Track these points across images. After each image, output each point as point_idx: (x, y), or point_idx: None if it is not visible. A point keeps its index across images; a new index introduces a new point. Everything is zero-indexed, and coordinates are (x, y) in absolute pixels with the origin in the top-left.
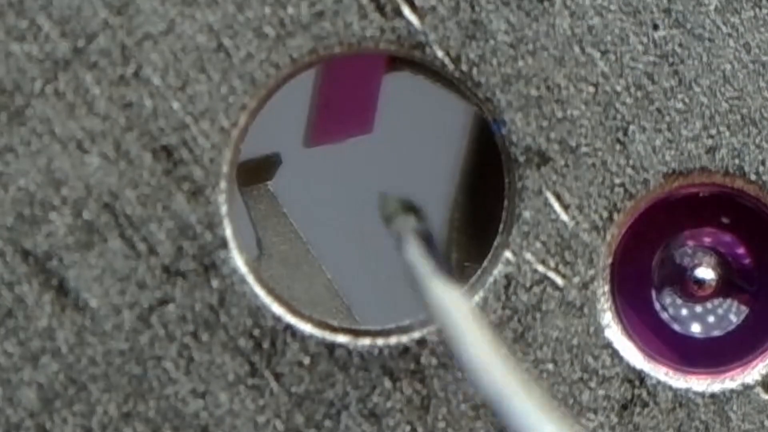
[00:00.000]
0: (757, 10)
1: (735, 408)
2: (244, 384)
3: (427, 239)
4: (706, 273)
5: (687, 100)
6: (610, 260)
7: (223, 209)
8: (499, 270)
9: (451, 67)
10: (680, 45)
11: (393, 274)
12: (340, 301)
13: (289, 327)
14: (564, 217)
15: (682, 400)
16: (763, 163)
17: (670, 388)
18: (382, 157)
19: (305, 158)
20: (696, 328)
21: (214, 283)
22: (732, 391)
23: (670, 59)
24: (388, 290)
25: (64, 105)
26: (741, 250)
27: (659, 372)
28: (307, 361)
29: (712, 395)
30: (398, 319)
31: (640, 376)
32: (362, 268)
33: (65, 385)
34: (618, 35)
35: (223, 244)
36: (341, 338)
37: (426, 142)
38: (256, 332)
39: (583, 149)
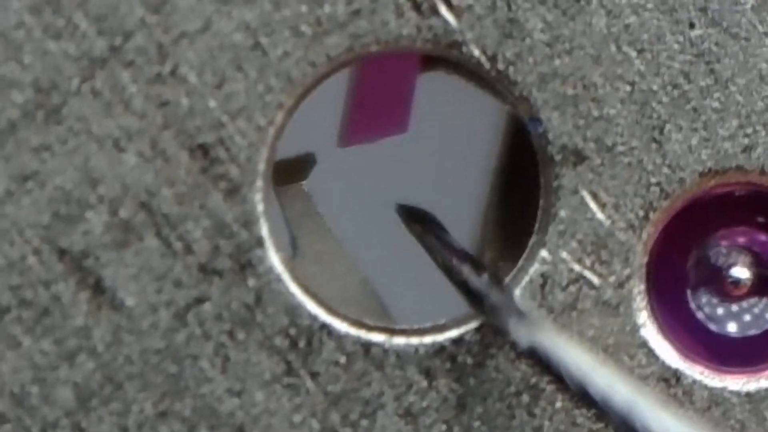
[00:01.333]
0: None
1: None
2: (279, 383)
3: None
4: (741, 272)
5: (723, 99)
6: (645, 259)
7: (260, 208)
8: (535, 269)
9: (487, 65)
10: (716, 44)
11: (428, 272)
12: (376, 299)
13: (325, 326)
14: (600, 216)
15: (717, 399)
16: None
17: (706, 387)
18: (417, 157)
19: (340, 157)
20: (732, 327)
21: (251, 281)
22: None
23: (707, 58)
24: (423, 289)
25: (100, 103)
26: None
27: (695, 371)
28: (343, 360)
29: (748, 394)
30: (434, 317)
31: (676, 375)
32: (397, 267)
33: (101, 384)
34: (654, 34)
35: (259, 242)
36: (377, 337)
37: (460, 141)
38: (292, 331)
39: (619, 148)
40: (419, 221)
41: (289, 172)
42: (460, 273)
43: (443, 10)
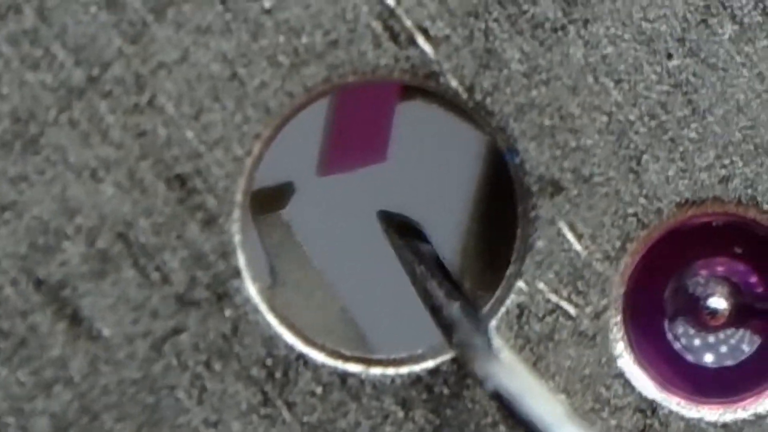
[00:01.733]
0: None
1: None
2: (256, 413)
3: (436, 261)
4: (719, 303)
5: (700, 130)
6: (622, 290)
7: (237, 238)
8: (512, 299)
9: (464, 96)
10: (694, 74)
11: (407, 302)
12: (355, 328)
13: (301, 356)
14: (577, 246)
15: (694, 430)
16: None
17: (683, 418)
18: (396, 186)
19: (319, 186)
20: (709, 358)
21: (228, 312)
22: (744, 421)
23: (684, 88)
24: (403, 317)
25: (78, 133)
26: (754, 279)
27: (671, 402)
28: (319, 390)
29: (725, 425)
30: (414, 346)
31: (653, 406)
32: (376, 296)
33: (78, 415)
34: (632, 64)
35: (237, 273)
36: (353, 367)
37: (439, 170)
38: (269, 361)
39: (597, 179)
40: (401, 230)
41: (268, 201)
42: (433, 298)
43: (421, 40)
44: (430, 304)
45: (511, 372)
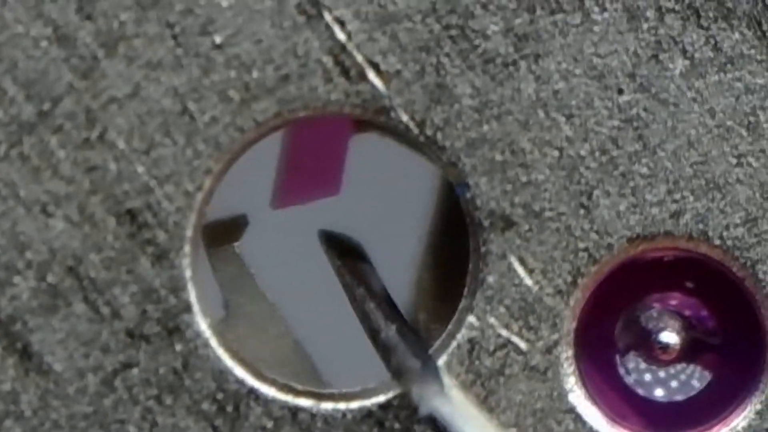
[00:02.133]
0: (721, 74)
1: None
2: None
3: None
4: (670, 337)
5: (651, 165)
6: (574, 324)
7: (188, 273)
8: (462, 334)
9: (415, 131)
10: (645, 109)
11: (361, 335)
12: (308, 362)
13: (252, 391)
14: (528, 281)
15: None
16: (727, 227)
17: None
18: (350, 219)
19: (272, 219)
20: (659, 393)
21: (178, 346)
22: None
23: (635, 123)
24: (356, 351)
25: (28, 168)
26: (705, 313)
27: None
28: (270, 425)
29: None
30: (366, 379)
31: None
32: (329, 330)
33: None
34: (583, 99)
35: (187, 307)
36: (304, 402)
37: (393, 203)
38: (220, 396)
39: (548, 213)
40: (341, 251)
41: (222, 234)
42: (371, 320)
43: (371, 75)
44: (368, 327)
45: (447, 396)
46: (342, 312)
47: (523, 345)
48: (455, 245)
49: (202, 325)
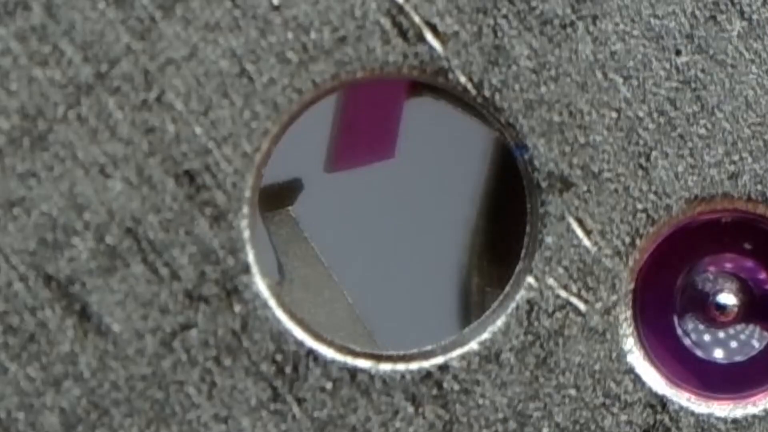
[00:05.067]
0: None
1: None
2: (266, 409)
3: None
4: (728, 299)
5: (709, 126)
6: (632, 286)
7: (246, 234)
8: (521, 295)
9: (473, 92)
10: (703, 71)
11: (415, 298)
12: (362, 325)
13: (311, 352)
14: (586, 242)
15: (704, 425)
16: None
17: (693, 413)
18: (404, 182)
19: (327, 183)
20: (718, 354)
21: (237, 308)
22: (754, 416)
23: (693, 85)
24: (410, 315)
25: (86, 130)
26: (763, 276)
27: (681, 397)
28: (329, 386)
29: (735, 420)
30: (420, 344)
31: (663, 402)
32: (384, 293)
33: (87, 410)
34: (641, 61)
35: (246, 269)
36: (363, 363)
37: (447, 167)
38: (279, 357)
39: (606, 175)
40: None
41: (276, 198)
42: None
43: (429, 36)
44: None
45: None
46: (396, 274)
47: (581, 306)
48: (510, 208)
49: (261, 286)
